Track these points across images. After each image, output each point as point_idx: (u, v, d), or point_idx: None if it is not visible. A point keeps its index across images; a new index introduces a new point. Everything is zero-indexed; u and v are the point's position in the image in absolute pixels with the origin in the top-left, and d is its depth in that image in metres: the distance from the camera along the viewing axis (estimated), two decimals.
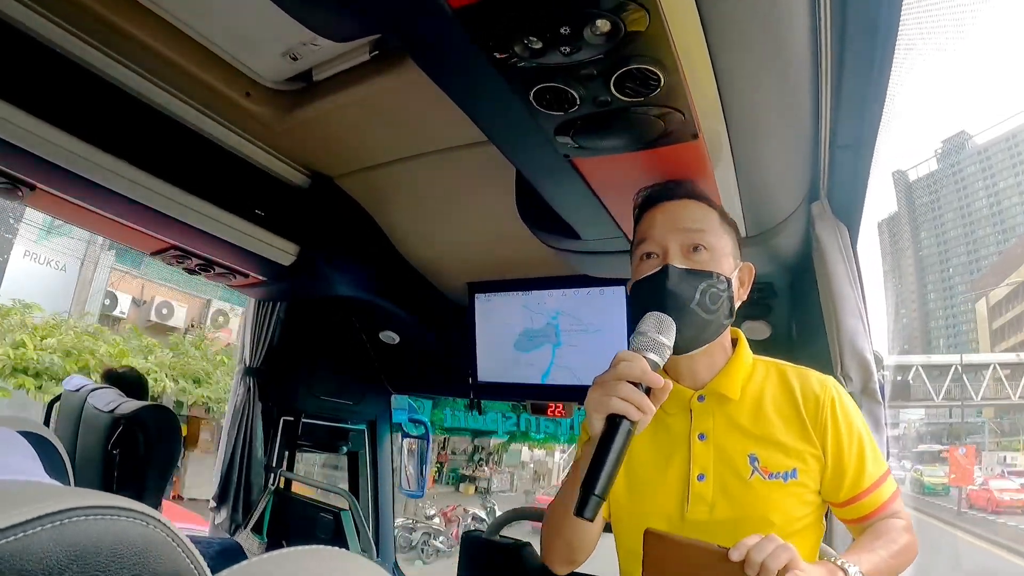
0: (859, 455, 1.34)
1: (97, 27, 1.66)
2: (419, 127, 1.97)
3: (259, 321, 3.10)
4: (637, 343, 1.19)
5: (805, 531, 1.35)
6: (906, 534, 1.32)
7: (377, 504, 3.50)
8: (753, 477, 1.32)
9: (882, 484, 1.35)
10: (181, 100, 1.98)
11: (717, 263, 1.30)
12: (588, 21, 0.90)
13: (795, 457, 1.33)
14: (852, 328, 1.90)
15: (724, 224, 1.36)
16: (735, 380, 1.39)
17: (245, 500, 3.09)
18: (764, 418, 1.37)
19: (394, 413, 3.71)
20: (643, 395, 1.13)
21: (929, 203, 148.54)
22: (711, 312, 1.28)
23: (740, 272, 1.39)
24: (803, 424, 1.35)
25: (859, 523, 1.37)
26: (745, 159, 1.39)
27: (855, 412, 1.39)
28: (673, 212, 1.33)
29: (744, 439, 1.36)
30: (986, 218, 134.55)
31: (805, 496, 1.33)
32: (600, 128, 1.19)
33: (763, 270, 2.03)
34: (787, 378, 1.41)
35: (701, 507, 1.34)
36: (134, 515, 0.47)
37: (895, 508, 1.36)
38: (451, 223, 2.56)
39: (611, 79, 1.03)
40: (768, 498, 1.31)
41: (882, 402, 1.93)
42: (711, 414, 1.39)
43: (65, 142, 1.75)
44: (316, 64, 1.87)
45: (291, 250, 2.46)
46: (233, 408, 3.11)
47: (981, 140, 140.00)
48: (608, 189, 1.50)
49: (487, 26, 0.95)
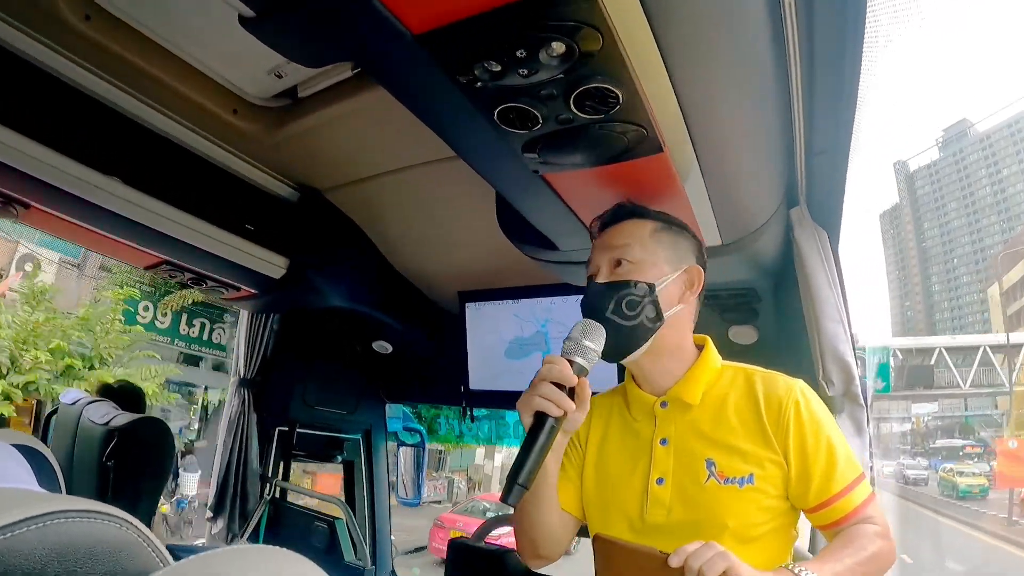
0: (827, 459, 1.33)
1: (86, 48, 1.69)
2: (405, 140, 1.99)
3: (253, 333, 3.13)
4: (564, 348, 1.33)
5: (766, 537, 1.36)
6: (878, 540, 1.31)
7: (373, 513, 3.52)
8: (709, 482, 1.35)
9: (854, 489, 1.34)
10: (170, 118, 2.01)
11: (640, 272, 1.39)
12: (542, 44, 0.94)
13: (753, 463, 1.34)
14: (833, 332, 1.92)
15: (662, 233, 1.44)
16: (696, 386, 1.43)
17: (241, 510, 3.11)
18: (724, 423, 1.39)
19: (389, 422, 3.73)
20: (562, 394, 1.27)
21: (931, 193, 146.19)
22: (630, 318, 1.36)
23: (687, 275, 1.45)
24: (764, 429, 1.36)
25: (831, 529, 1.36)
26: (714, 170, 1.41)
27: (822, 415, 1.38)
28: (606, 237, 1.46)
29: (703, 444, 1.39)
30: (990, 206, 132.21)
31: (764, 502, 1.34)
32: (565, 145, 1.22)
33: (744, 276, 2.07)
34: (753, 383, 1.42)
35: (659, 510, 1.38)
36: (109, 518, 0.52)
37: (868, 513, 1.34)
38: (441, 233, 2.59)
39: (570, 98, 1.07)
40: (723, 503, 1.33)
41: (864, 405, 1.95)
42: (673, 420, 1.44)
43: (57, 161, 1.79)
44: (301, 81, 1.91)
45: (281, 263, 2.50)
46: (228, 419, 3.14)
47: (983, 127, 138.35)
48: (580, 202, 1.53)
49: (447, 51, 0.99)
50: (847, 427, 1.92)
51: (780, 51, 1.27)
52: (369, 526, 3.49)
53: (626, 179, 1.40)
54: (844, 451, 1.36)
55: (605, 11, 0.89)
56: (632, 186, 1.43)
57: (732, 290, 2.16)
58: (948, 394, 46.92)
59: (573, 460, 1.57)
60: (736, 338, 2.44)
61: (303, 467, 13.65)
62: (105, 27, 1.65)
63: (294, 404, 3.24)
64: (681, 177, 1.39)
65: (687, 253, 1.46)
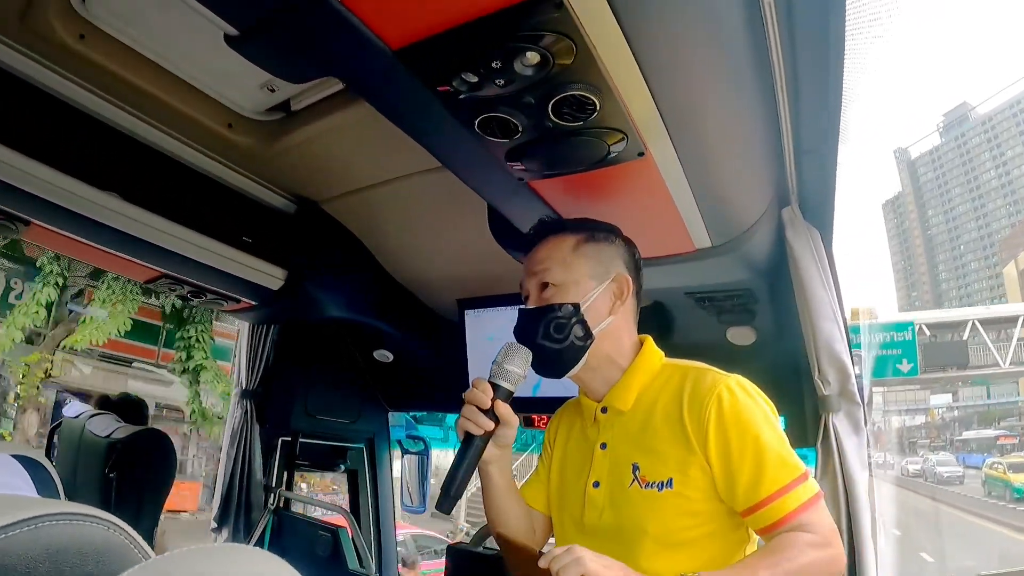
0: (754, 459, 1.27)
1: (82, 66, 1.72)
2: (400, 150, 1.99)
3: (254, 344, 3.15)
4: (491, 371, 1.39)
5: (697, 543, 1.33)
6: (810, 551, 1.22)
7: (378, 521, 3.53)
8: (632, 486, 1.37)
9: (788, 492, 1.25)
10: (166, 133, 2.04)
11: (564, 293, 1.41)
12: (517, 54, 0.96)
13: (673, 467, 1.33)
14: (828, 332, 1.93)
15: (584, 246, 1.44)
16: (627, 392, 1.45)
17: (246, 520, 3.13)
18: (651, 427, 1.39)
19: (392, 430, 3.75)
20: (481, 415, 1.34)
21: (934, 179, 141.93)
22: (558, 340, 1.39)
23: (616, 284, 1.45)
24: (685, 431, 1.33)
25: (767, 535, 1.29)
26: (698, 172, 1.42)
27: (751, 413, 1.31)
28: (531, 257, 1.48)
29: (632, 448, 1.40)
30: (995, 190, 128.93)
31: (686, 506, 1.32)
32: (547, 152, 1.25)
33: (738, 277, 2.07)
34: (683, 383, 1.39)
35: (593, 513, 1.42)
36: (97, 521, 0.55)
37: (806, 519, 1.25)
38: (438, 241, 2.60)
39: (548, 106, 1.09)
40: (643, 507, 1.34)
41: (861, 403, 1.96)
42: (611, 425, 1.46)
43: (56, 179, 1.82)
44: (293, 95, 1.92)
45: (279, 274, 2.53)
46: (231, 430, 3.16)
47: (984, 110, 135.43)
48: (567, 207, 1.55)
49: (426, 64, 1.01)
50: (844, 426, 1.93)
51: (762, 53, 1.28)
52: (374, 534, 3.50)
53: (610, 184, 1.43)
54: (776, 451, 1.28)
55: (577, 20, 0.91)
56: (616, 191, 1.46)
57: (727, 292, 2.17)
58: (986, 374, 39.12)
59: (545, 462, 1.63)
60: (734, 339, 2.45)
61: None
62: (100, 46, 1.68)
63: (296, 414, 3.25)
64: (666, 180, 1.41)
65: (612, 261, 1.46)
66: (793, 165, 1.76)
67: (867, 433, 1.98)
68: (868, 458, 1.98)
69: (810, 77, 1.39)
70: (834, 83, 1.40)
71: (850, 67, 1.38)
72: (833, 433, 1.92)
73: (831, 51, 1.30)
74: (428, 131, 1.28)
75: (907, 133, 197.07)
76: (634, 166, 1.32)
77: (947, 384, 48.03)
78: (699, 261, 1.85)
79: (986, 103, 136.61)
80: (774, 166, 1.74)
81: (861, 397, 1.96)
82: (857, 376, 1.97)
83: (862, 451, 1.94)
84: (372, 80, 1.13)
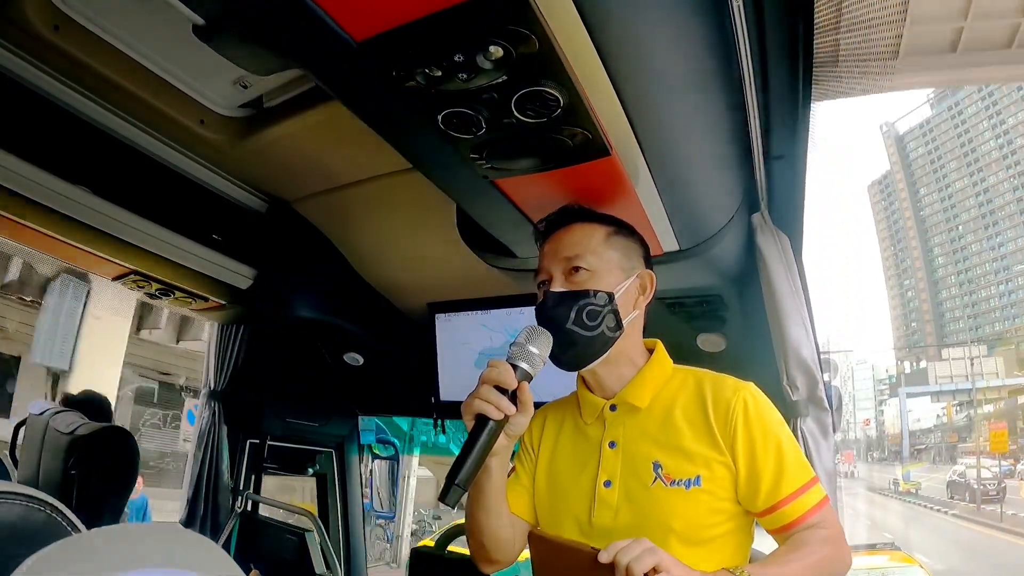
0: (776, 461, 1.32)
1: (54, 57, 1.70)
2: (372, 150, 1.98)
3: (223, 344, 3.13)
4: (510, 352, 1.32)
5: (718, 541, 1.35)
6: (826, 546, 1.29)
7: (347, 526, 3.51)
8: (655, 484, 1.35)
9: (805, 492, 1.32)
10: (137, 128, 2.03)
11: (597, 280, 1.38)
12: (479, 48, 0.97)
13: (700, 464, 1.34)
14: (796, 338, 1.94)
15: (614, 238, 1.44)
16: (644, 389, 1.44)
17: (213, 523, 3.10)
18: (672, 426, 1.39)
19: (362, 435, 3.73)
20: (503, 398, 1.26)
21: (926, 155, 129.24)
22: (591, 328, 1.36)
23: (640, 280, 1.46)
24: (711, 431, 1.35)
25: (781, 534, 1.34)
26: (665, 173, 1.43)
27: (771, 417, 1.37)
28: (557, 241, 1.45)
29: (651, 446, 1.39)
30: (997, 162, 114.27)
31: (712, 504, 1.33)
32: (511, 149, 1.25)
33: (707, 282, 2.08)
34: (702, 386, 1.42)
35: (606, 513, 1.39)
36: (36, 502, 0.55)
37: (820, 518, 1.32)
38: (409, 244, 2.59)
39: (512, 102, 1.10)
40: (669, 505, 1.33)
41: (829, 409, 1.97)
42: (622, 423, 1.45)
43: (25, 171, 1.81)
44: (266, 91, 1.93)
45: (248, 273, 2.52)
46: (199, 431, 3.14)
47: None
48: (532, 207, 1.55)
49: (389, 56, 1.01)
50: (812, 431, 1.95)
51: (731, 57, 1.29)
52: (343, 539, 3.48)
53: (577, 183, 1.43)
54: (794, 454, 1.35)
55: (540, 15, 0.92)
56: (583, 190, 1.46)
57: (697, 297, 2.18)
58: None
59: (526, 465, 1.59)
60: (705, 346, 2.47)
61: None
62: (74, 37, 1.66)
63: (265, 416, 3.23)
64: (633, 181, 1.42)
65: (638, 258, 1.48)
66: (762, 170, 1.77)
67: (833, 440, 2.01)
68: (835, 463, 2.00)
69: (779, 83, 1.41)
70: (804, 90, 1.42)
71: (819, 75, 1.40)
72: (802, 439, 1.92)
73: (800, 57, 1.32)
74: (393, 126, 1.29)
75: (894, 107, 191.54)
76: (600, 166, 1.33)
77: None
78: (668, 264, 1.86)
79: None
80: (743, 170, 1.75)
81: (829, 403, 1.98)
82: (825, 382, 1.99)
83: (830, 456, 1.96)
84: (337, 73, 1.13)
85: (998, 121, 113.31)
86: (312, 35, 0.99)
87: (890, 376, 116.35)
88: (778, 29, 1.26)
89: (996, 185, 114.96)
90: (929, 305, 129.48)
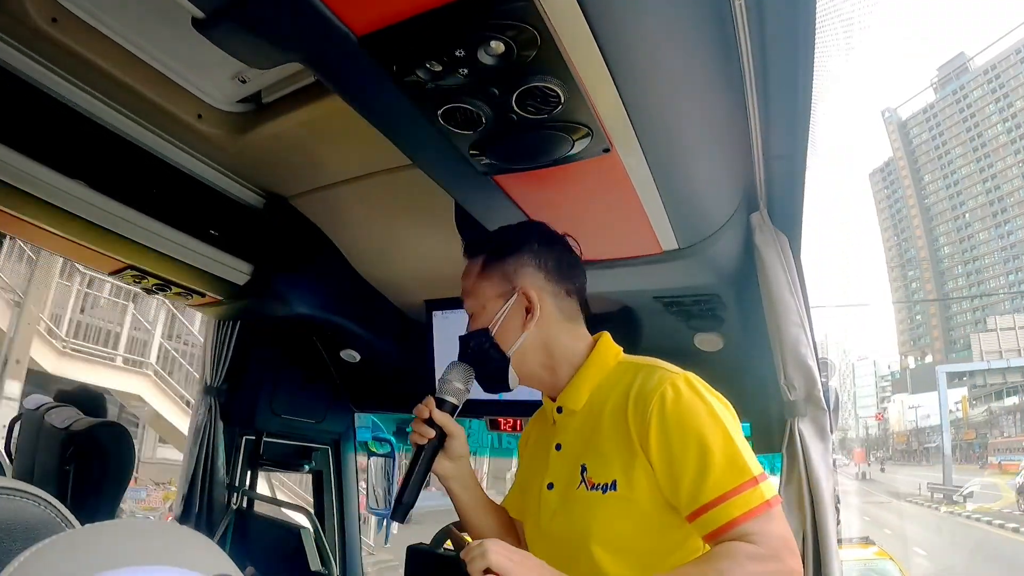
0: (698, 461, 1.19)
1: (52, 50, 1.70)
2: (370, 146, 1.98)
3: (219, 340, 3.11)
4: (437, 386, 1.46)
5: (643, 550, 1.29)
6: (751, 564, 1.11)
7: (343, 523, 3.51)
8: (579, 488, 1.34)
9: (735, 496, 1.16)
10: (136, 122, 2.02)
11: (478, 319, 1.45)
12: (481, 43, 0.97)
13: (617, 468, 1.29)
14: (794, 337, 1.94)
15: (488, 267, 1.46)
16: (579, 392, 1.42)
17: (208, 519, 3.08)
18: (599, 427, 1.36)
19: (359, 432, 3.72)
20: (425, 427, 1.41)
21: (930, 140, 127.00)
22: (485, 363, 1.44)
23: (519, 300, 1.42)
24: (627, 431, 1.29)
25: (709, 543, 1.21)
26: (665, 172, 1.42)
27: (696, 410, 1.24)
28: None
29: (582, 449, 1.38)
30: (1005, 146, 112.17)
31: (630, 509, 1.27)
32: (511, 146, 1.25)
33: (706, 281, 2.08)
34: (632, 381, 1.34)
35: (547, 515, 1.41)
36: (30, 496, 0.54)
37: (751, 528, 1.15)
38: (407, 241, 2.59)
39: (512, 98, 1.09)
40: (588, 510, 1.31)
41: (827, 409, 1.97)
42: (566, 426, 1.45)
43: (23, 165, 1.80)
44: (265, 86, 1.93)
45: (245, 269, 2.52)
46: (195, 427, 3.12)
47: (983, 59, 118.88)
48: (532, 204, 1.55)
49: (390, 52, 1.01)
50: (810, 431, 1.95)
51: (732, 56, 1.30)
52: (339, 536, 3.47)
53: (576, 180, 1.43)
54: (723, 452, 1.20)
55: (542, 10, 0.92)
56: (582, 187, 1.46)
57: (695, 296, 2.18)
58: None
59: (520, 470, 1.65)
60: (702, 345, 2.46)
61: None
62: (72, 30, 1.66)
63: (261, 412, 3.23)
64: (632, 178, 1.41)
65: (518, 275, 1.43)
66: (762, 170, 1.77)
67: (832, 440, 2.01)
68: (833, 463, 2.00)
69: (780, 83, 1.40)
70: (804, 90, 1.42)
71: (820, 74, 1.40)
72: (799, 438, 1.93)
73: (801, 58, 1.31)
74: (393, 122, 1.29)
75: (896, 93, 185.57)
76: (599, 163, 1.32)
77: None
78: (666, 263, 1.86)
79: (986, 52, 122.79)
80: (743, 170, 1.75)
81: (827, 403, 1.98)
82: (823, 382, 1.99)
83: (827, 456, 1.96)
84: (337, 68, 1.13)
85: (1005, 104, 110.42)
86: (313, 29, 0.99)
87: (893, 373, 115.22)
88: (780, 28, 1.25)
89: (1004, 171, 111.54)
90: (935, 295, 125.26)
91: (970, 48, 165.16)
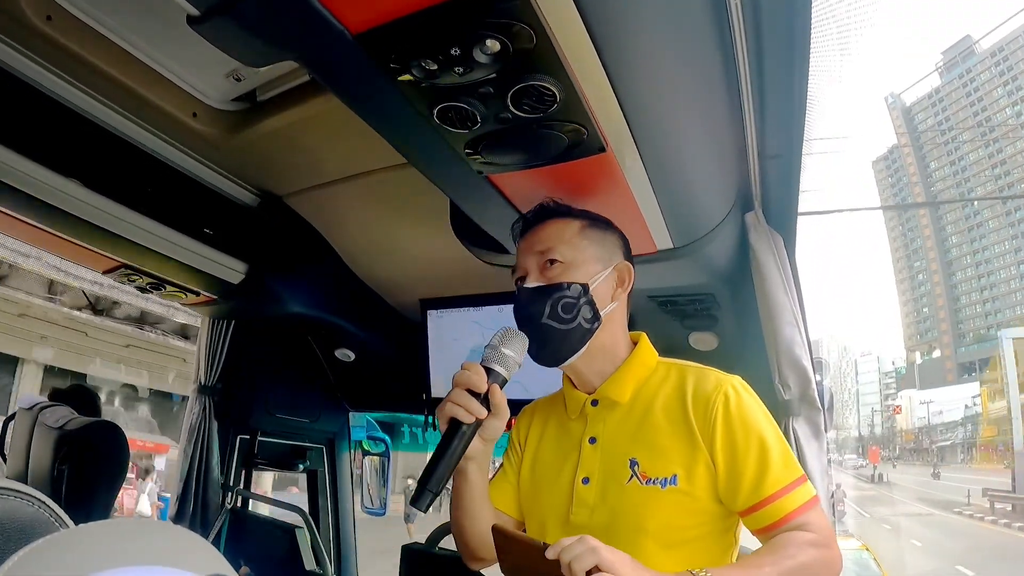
0: (759, 458, 1.27)
1: (47, 48, 1.68)
2: (365, 144, 1.98)
3: (214, 339, 3.10)
4: (484, 355, 1.32)
5: (696, 543, 1.32)
6: (811, 549, 1.22)
7: (338, 523, 3.50)
8: (631, 482, 1.33)
9: (790, 492, 1.26)
10: (130, 120, 2.00)
11: (572, 272, 1.38)
12: (476, 42, 0.97)
13: (678, 463, 1.31)
14: (789, 336, 1.95)
15: (589, 230, 1.43)
16: (625, 384, 1.42)
17: (202, 519, 3.08)
18: (651, 422, 1.37)
19: (353, 431, 3.72)
20: (474, 401, 1.26)
21: (936, 126, 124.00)
22: (567, 321, 1.35)
23: (618, 271, 1.44)
24: (690, 427, 1.32)
25: (764, 535, 1.29)
26: (661, 171, 1.43)
27: (755, 412, 1.33)
28: (531, 237, 1.45)
29: (629, 443, 1.37)
30: (1015, 130, 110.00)
31: (689, 505, 1.30)
32: (506, 144, 1.25)
33: (701, 280, 2.09)
34: (684, 380, 1.39)
35: (583, 511, 1.37)
36: (23, 496, 0.54)
37: (806, 519, 1.26)
38: (402, 240, 2.59)
39: (508, 96, 1.09)
40: (643, 504, 1.31)
41: (821, 408, 1.98)
42: (602, 418, 1.43)
43: (16, 162, 1.79)
44: (260, 84, 1.92)
45: (240, 268, 2.51)
46: (189, 427, 3.12)
47: (990, 42, 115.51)
48: (526, 203, 1.55)
49: (385, 49, 1.01)
50: (804, 430, 1.95)
51: (728, 55, 1.29)
52: (333, 536, 3.47)
53: (571, 179, 1.43)
54: (780, 451, 1.30)
55: (537, 9, 0.92)
56: (577, 186, 1.46)
57: (689, 295, 2.19)
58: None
59: (513, 462, 1.59)
60: (697, 345, 2.48)
61: None
62: (66, 27, 1.64)
63: (256, 412, 3.22)
64: (627, 177, 1.42)
65: (615, 250, 1.46)
66: (757, 169, 1.77)
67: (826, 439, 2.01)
68: (828, 463, 2.01)
69: (776, 83, 1.40)
70: (799, 90, 1.42)
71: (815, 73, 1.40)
72: (793, 437, 1.93)
73: (796, 58, 1.31)
74: (388, 120, 1.28)
75: (901, 78, 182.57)
76: (595, 162, 1.33)
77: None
78: (661, 262, 1.87)
79: (992, 34, 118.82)
80: (738, 169, 1.76)
81: (821, 402, 1.99)
82: (818, 382, 1.99)
83: (822, 456, 1.96)
84: (332, 66, 1.12)
85: (1014, 88, 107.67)
86: (308, 27, 0.99)
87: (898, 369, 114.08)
88: (775, 28, 1.25)
89: (1014, 156, 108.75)
90: (943, 289, 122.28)
91: (976, 31, 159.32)
